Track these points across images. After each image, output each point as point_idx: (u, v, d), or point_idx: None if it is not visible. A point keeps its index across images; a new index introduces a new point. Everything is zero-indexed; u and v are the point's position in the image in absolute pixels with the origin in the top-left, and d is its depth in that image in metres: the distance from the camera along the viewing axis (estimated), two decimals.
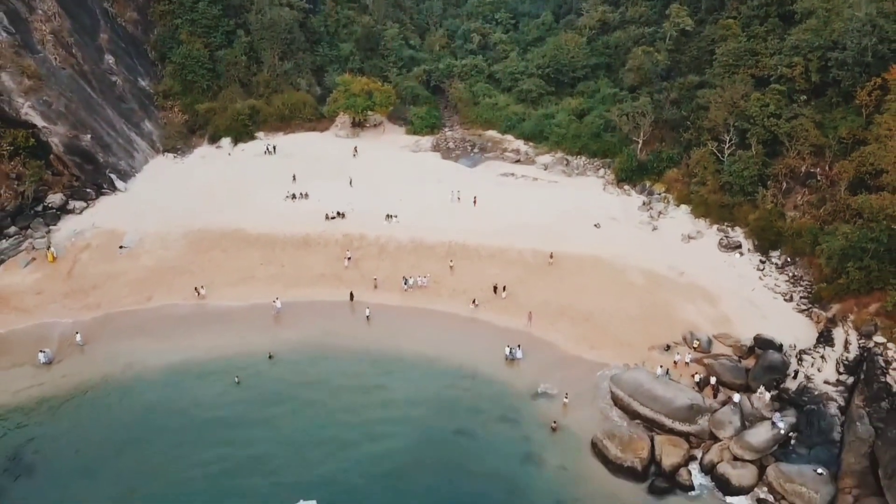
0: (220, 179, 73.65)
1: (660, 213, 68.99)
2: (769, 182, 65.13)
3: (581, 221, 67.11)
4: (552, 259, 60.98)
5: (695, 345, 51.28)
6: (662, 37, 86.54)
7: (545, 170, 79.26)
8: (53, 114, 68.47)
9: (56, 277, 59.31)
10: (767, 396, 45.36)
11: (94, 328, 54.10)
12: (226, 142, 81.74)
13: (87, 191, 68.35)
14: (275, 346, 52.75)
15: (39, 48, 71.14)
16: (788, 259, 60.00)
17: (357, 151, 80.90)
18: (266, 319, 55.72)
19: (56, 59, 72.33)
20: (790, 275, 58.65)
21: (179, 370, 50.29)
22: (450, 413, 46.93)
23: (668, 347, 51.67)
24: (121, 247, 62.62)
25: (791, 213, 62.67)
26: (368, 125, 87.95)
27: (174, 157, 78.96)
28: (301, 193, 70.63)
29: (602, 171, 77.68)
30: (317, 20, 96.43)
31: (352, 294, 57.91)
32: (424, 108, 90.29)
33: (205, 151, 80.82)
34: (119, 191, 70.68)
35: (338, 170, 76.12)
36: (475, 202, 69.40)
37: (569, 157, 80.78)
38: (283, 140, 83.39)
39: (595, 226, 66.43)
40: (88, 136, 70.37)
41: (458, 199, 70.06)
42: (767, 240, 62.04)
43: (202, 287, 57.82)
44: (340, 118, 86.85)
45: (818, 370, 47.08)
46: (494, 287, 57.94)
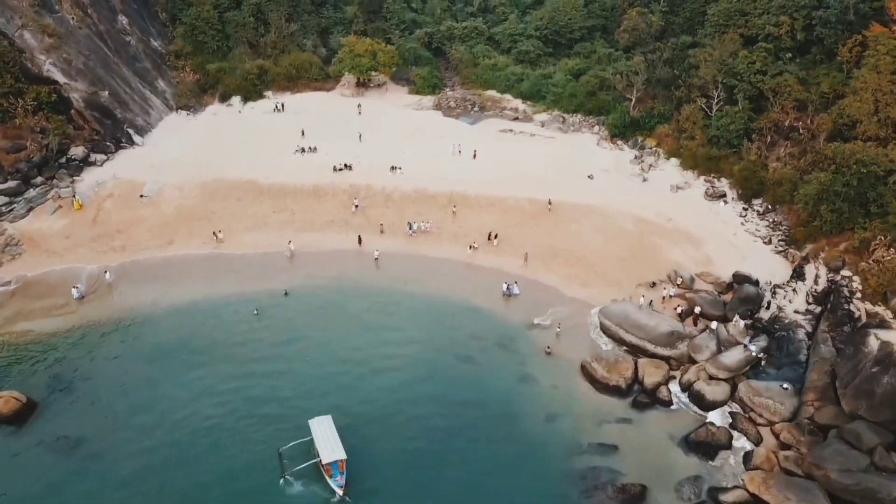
0: (232, 135, 77.12)
1: (650, 166, 72.72)
2: (754, 136, 68.71)
3: (575, 173, 70.85)
4: (550, 206, 64.78)
5: (678, 282, 55.40)
6: None
7: (542, 127, 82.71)
8: (73, 71, 71.92)
9: (82, 223, 63.24)
10: (742, 324, 49.61)
11: (121, 269, 58.12)
12: (236, 100, 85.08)
13: (107, 144, 71.91)
14: (289, 284, 56.85)
15: (57, 8, 74.28)
16: (769, 206, 63.89)
17: (361, 109, 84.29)
18: (280, 261, 59.79)
19: (73, 19, 75.49)
20: (770, 220, 62.61)
21: (202, 304, 54.51)
22: (452, 341, 51.15)
23: (654, 284, 55.81)
24: (141, 196, 66.41)
25: (773, 165, 66.39)
26: (372, 85, 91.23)
27: (187, 115, 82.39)
28: (309, 147, 74.25)
29: (596, 128, 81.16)
30: None
31: (360, 238, 61.90)
32: (426, 69, 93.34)
33: (216, 109, 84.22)
34: (137, 145, 74.28)
35: (344, 127, 79.59)
36: (475, 156, 73.04)
37: (565, 115, 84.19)
38: (291, 99, 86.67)
39: (588, 177, 70.20)
40: (106, 93, 73.85)
41: (459, 153, 73.72)
42: (750, 189, 65.87)
43: (220, 231, 61.84)
44: (345, 78, 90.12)
45: (789, 301, 51.32)
46: (489, 234, 61.82)
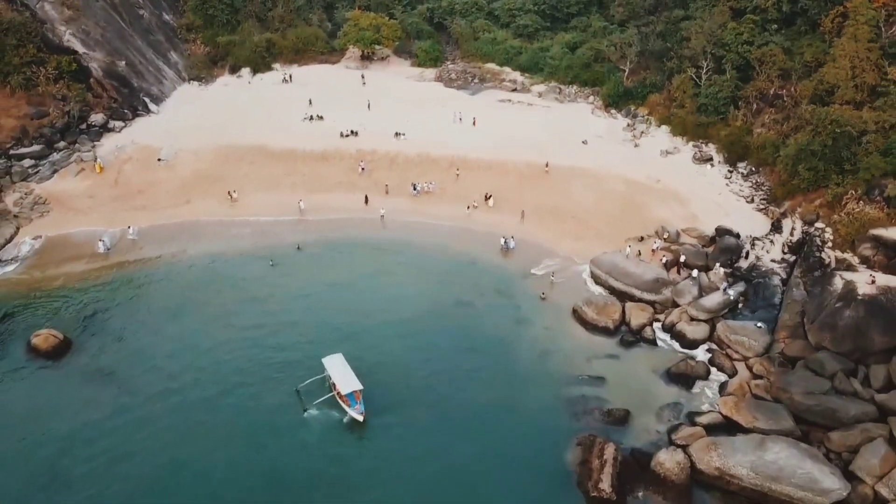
0: (243, 104, 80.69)
1: (642, 133, 76.37)
2: (740, 103, 72.28)
3: (570, 139, 74.48)
4: (548, 168, 68.50)
5: (665, 236, 59.26)
6: None
7: (539, 97, 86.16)
8: (91, 41, 75.43)
9: (104, 184, 67.08)
10: (722, 272, 53.58)
11: (144, 224, 61.93)
12: (245, 72, 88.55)
13: (125, 112, 75.58)
14: (301, 240, 60.69)
15: None
16: (753, 168, 67.62)
17: (365, 80, 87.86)
18: (292, 219, 63.57)
19: None
20: (753, 182, 66.38)
21: (221, 256, 58.43)
22: (453, 289, 55.02)
23: (642, 239, 59.64)
24: (159, 159, 70.14)
25: (758, 130, 69.94)
26: (376, 58, 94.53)
27: (199, 85, 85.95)
28: (317, 115, 77.84)
29: (591, 98, 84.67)
30: None
31: (366, 197, 65.71)
32: (428, 43, 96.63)
33: (227, 80, 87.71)
34: (152, 112, 77.92)
35: (349, 97, 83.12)
36: (475, 123, 76.69)
37: (561, 86, 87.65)
38: (298, 71, 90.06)
39: (583, 142, 73.87)
40: (123, 63, 77.37)
41: (460, 120, 77.34)
42: (736, 153, 69.57)
43: (234, 191, 65.66)
44: (350, 51, 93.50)
45: (767, 252, 55.29)
46: (485, 196, 65.57)
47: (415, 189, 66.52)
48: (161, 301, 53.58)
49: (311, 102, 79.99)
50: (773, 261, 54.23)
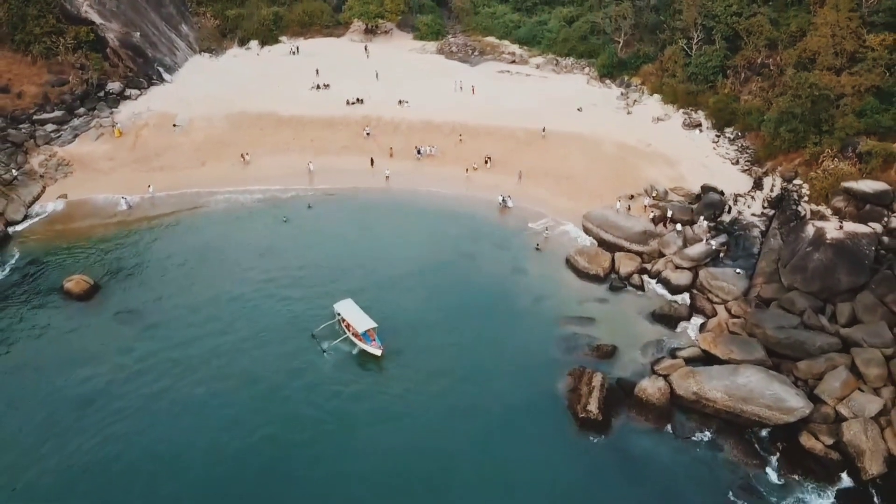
0: (253, 74, 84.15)
1: (635, 101, 79.79)
2: (729, 72, 75.55)
3: (566, 107, 77.85)
4: (544, 133, 72.03)
5: (654, 194, 62.89)
6: None
7: (537, 69, 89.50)
8: (108, 12, 78.73)
9: (124, 148, 70.73)
10: (705, 224, 57.32)
11: (162, 184, 65.66)
12: (254, 44, 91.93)
13: (140, 80, 79.06)
14: (312, 199, 64.53)
15: None
16: (739, 133, 71.06)
17: (368, 51, 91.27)
18: (302, 179, 67.33)
19: None
20: (739, 146, 69.86)
21: (236, 212, 62.37)
22: (454, 242, 58.77)
23: (632, 197, 63.27)
24: (174, 125, 73.74)
25: (745, 98, 73.30)
26: (379, 32, 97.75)
27: (209, 56, 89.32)
28: (324, 84, 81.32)
29: (587, 69, 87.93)
30: None
31: (372, 160, 69.35)
32: (430, 17, 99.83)
33: (236, 52, 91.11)
34: (166, 82, 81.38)
35: (354, 68, 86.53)
36: (473, 90, 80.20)
37: (558, 59, 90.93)
38: (305, 43, 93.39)
39: (578, 110, 77.31)
40: (138, 34, 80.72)
41: (461, 89, 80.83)
42: (723, 119, 72.97)
43: (247, 154, 69.31)
44: (355, 25, 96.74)
45: (748, 207, 58.99)
46: (485, 159, 69.25)
47: (418, 153, 70.08)
48: (181, 253, 57.29)
49: (318, 72, 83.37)
50: (754, 215, 57.96)
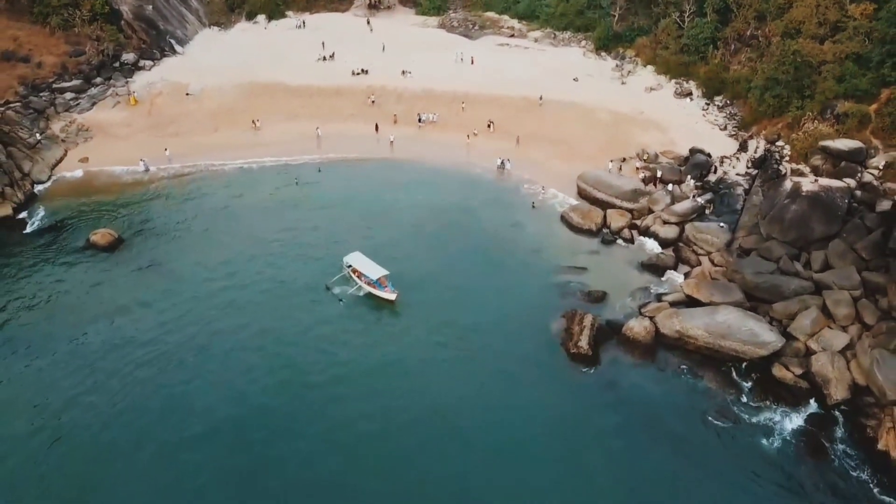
0: (261, 46, 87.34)
1: (629, 72, 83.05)
2: (719, 43, 78.80)
3: (562, 78, 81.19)
4: (541, 101, 75.32)
5: (644, 157, 66.35)
6: None
7: (535, 42, 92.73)
8: None
9: (139, 115, 73.99)
10: (692, 183, 60.81)
11: (177, 149, 68.99)
12: (261, 18, 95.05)
13: (154, 52, 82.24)
14: (321, 162, 67.89)
15: None
16: (728, 101, 74.39)
17: (371, 25, 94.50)
18: (311, 144, 70.69)
19: None
20: (727, 113, 73.20)
21: (250, 174, 65.85)
22: (456, 201, 62.13)
23: (625, 160, 66.70)
24: (187, 94, 76.97)
25: (734, 68, 76.59)
26: (383, 7, 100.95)
27: (218, 30, 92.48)
28: (330, 56, 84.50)
29: (584, 43, 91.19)
30: None
31: (377, 126, 72.71)
32: None
33: (244, 26, 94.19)
34: (178, 53, 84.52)
35: (358, 41, 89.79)
36: (473, 62, 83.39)
37: (556, 32, 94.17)
38: (310, 18, 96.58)
39: (574, 80, 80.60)
40: (150, 7, 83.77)
41: (461, 61, 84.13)
42: (713, 88, 76.31)
43: (258, 120, 72.62)
44: (358, 0, 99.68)
45: (733, 167, 62.45)
46: (488, 123, 72.61)
47: (420, 119, 73.38)
48: (197, 212, 60.64)
49: (325, 45, 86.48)
50: (738, 174, 61.43)
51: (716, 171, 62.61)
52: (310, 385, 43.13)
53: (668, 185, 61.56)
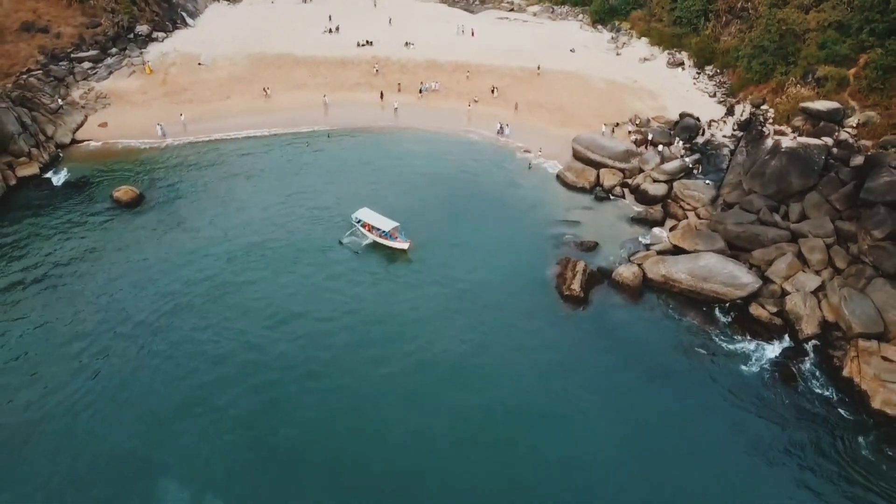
0: (268, 20, 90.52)
1: (624, 44, 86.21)
2: (710, 15, 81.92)
3: (560, 49, 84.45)
4: (539, 71, 78.61)
5: (637, 122, 69.72)
6: None
7: (534, 16, 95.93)
8: None
9: (154, 83, 77.26)
10: (681, 144, 64.24)
11: (192, 115, 72.37)
12: None
13: (166, 24, 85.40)
14: (330, 129, 71.23)
15: None
16: (718, 70, 77.68)
17: (376, 2, 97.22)
18: (319, 111, 74.00)
19: None
20: (717, 81, 76.51)
21: (263, 138, 69.11)
22: (457, 162, 65.65)
23: (618, 125, 70.11)
24: (199, 63, 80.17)
25: (725, 39, 79.80)
26: None
27: (227, 4, 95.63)
28: (335, 28, 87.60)
29: (580, 16, 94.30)
30: None
31: (382, 93, 76.00)
32: None
33: (252, 0, 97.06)
34: (189, 26, 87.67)
35: (363, 15, 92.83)
36: (473, 34, 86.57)
37: (554, 7, 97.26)
38: None
39: (570, 51, 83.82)
40: None
41: (462, 33, 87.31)
42: (704, 58, 79.57)
43: (268, 88, 75.93)
44: None
45: (720, 130, 65.83)
46: (491, 88, 75.96)
47: (420, 92, 76.64)
48: (214, 173, 64.03)
49: (331, 18, 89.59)
50: (725, 136, 64.82)
51: (704, 134, 66.00)
52: (322, 319, 46.49)
53: (658, 147, 64.95)
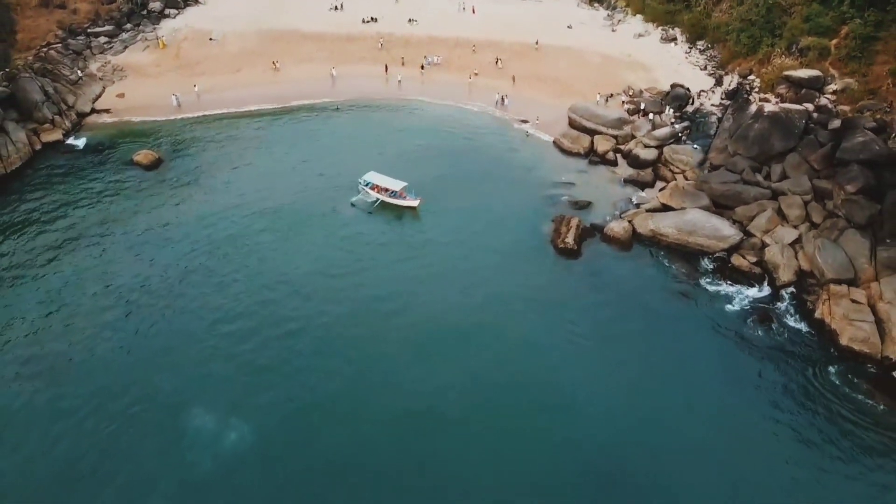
0: None
1: (619, 21, 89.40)
2: None
3: (557, 25, 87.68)
4: (537, 46, 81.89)
5: (630, 93, 73.05)
6: None
7: None
8: None
9: (168, 57, 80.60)
10: (671, 112, 67.63)
11: (204, 86, 75.70)
12: None
13: (178, 1, 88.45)
14: (338, 101, 74.52)
15: None
16: (709, 45, 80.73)
17: None
18: (327, 84, 77.32)
19: None
20: (708, 55, 79.61)
21: (273, 109, 72.45)
22: (458, 130, 69.05)
23: (612, 95, 73.46)
24: (210, 38, 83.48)
25: (716, 15, 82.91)
26: None
27: None
28: (339, 5, 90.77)
29: None
30: None
31: (386, 67, 79.30)
32: None
33: None
34: (200, 3, 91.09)
35: None
36: (474, 11, 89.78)
37: None
38: None
39: (568, 27, 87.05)
40: None
41: (463, 10, 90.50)
42: (696, 33, 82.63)
43: (277, 61, 79.22)
44: None
45: (709, 99, 69.19)
46: (496, 60, 79.37)
47: (423, 67, 79.86)
48: (226, 140, 67.49)
49: None
50: (713, 105, 68.20)
51: (693, 103, 69.37)
52: (338, 275, 49.86)
53: (650, 115, 68.31)
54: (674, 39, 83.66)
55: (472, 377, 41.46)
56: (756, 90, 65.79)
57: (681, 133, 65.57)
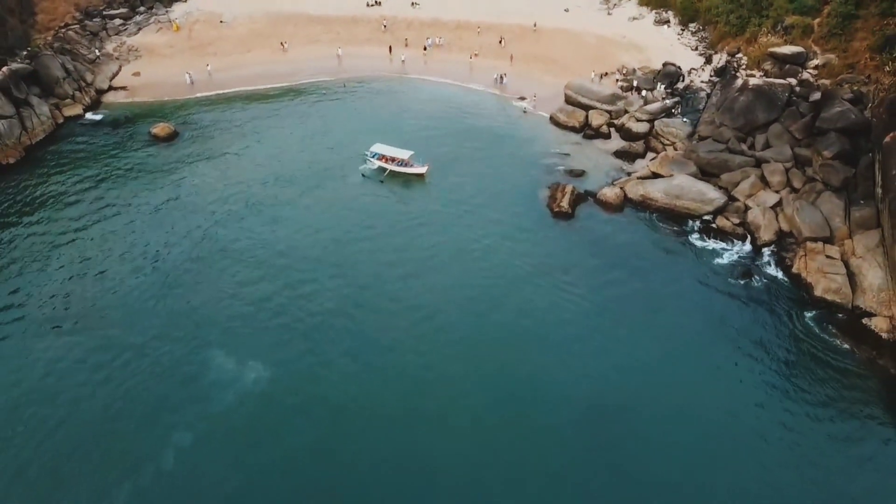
0: None
1: (614, 5, 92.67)
2: None
3: (554, 9, 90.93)
4: (535, 27, 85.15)
5: (624, 71, 76.33)
6: None
7: None
8: None
9: (180, 38, 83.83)
10: (662, 88, 70.93)
11: (216, 66, 78.97)
12: None
13: None
14: (344, 79, 77.80)
15: None
16: (700, 27, 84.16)
17: None
18: (333, 63, 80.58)
19: None
20: (699, 37, 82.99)
21: (284, 89, 75.67)
22: (459, 106, 72.37)
23: (606, 74, 76.72)
24: (221, 21, 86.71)
25: None
26: None
27: None
28: None
29: None
30: None
31: (390, 47, 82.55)
32: None
33: None
34: None
35: None
36: None
37: None
38: None
39: (565, 10, 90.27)
40: None
41: None
42: (688, 15, 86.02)
43: (285, 42, 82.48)
44: None
45: (699, 77, 72.48)
46: (500, 40, 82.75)
47: (425, 49, 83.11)
48: (239, 115, 70.77)
49: None
50: (703, 82, 71.49)
51: (684, 80, 72.64)
52: (356, 239, 53.07)
53: (642, 92, 71.62)
54: (667, 22, 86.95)
55: (474, 313, 45.71)
56: (743, 67, 69.15)
57: (671, 107, 68.83)
